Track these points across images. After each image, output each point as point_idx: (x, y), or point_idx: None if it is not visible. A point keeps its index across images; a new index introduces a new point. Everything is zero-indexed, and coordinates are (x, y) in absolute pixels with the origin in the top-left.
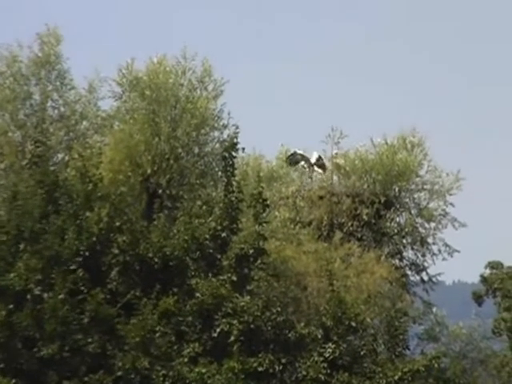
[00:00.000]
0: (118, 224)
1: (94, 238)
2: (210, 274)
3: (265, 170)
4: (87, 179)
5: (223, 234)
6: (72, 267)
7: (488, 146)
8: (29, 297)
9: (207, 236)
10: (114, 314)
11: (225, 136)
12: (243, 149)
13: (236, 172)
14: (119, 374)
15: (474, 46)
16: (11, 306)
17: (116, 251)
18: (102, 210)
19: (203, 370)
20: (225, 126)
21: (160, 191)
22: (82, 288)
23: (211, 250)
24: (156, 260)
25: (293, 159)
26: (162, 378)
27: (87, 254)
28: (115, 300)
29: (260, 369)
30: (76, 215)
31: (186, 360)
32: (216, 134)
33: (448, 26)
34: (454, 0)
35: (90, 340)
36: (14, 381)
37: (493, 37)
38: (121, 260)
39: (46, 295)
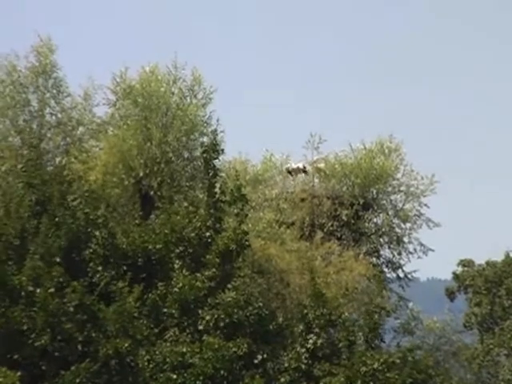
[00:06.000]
0: (92, 218)
1: (72, 234)
2: (194, 270)
3: (250, 173)
4: (62, 179)
5: (207, 233)
6: (58, 261)
7: (460, 151)
8: (23, 293)
9: (192, 235)
10: (101, 306)
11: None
12: (222, 150)
13: (222, 175)
14: (104, 360)
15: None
16: (7, 302)
17: (94, 246)
18: (77, 207)
19: (184, 350)
20: (213, 132)
21: (152, 193)
22: (69, 281)
23: (196, 248)
24: (139, 254)
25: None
26: (146, 363)
27: (69, 249)
28: (98, 290)
29: (240, 353)
30: (54, 214)
31: (167, 344)
32: (205, 139)
33: None
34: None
35: (78, 329)
36: (19, 373)
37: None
38: (100, 254)
39: (38, 290)
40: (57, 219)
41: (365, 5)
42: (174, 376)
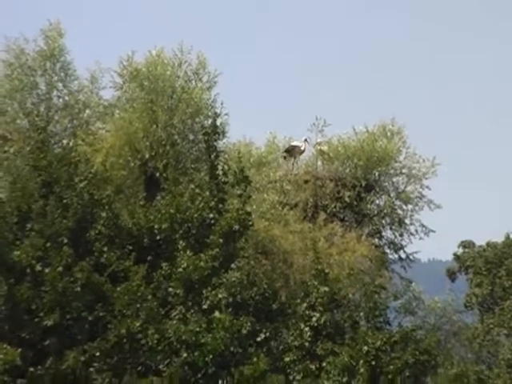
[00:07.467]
0: (97, 199)
1: (79, 215)
2: (198, 251)
3: (255, 155)
4: (69, 161)
5: (210, 215)
6: (66, 242)
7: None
8: (28, 271)
9: (196, 215)
10: (109, 286)
11: (218, 123)
12: (223, 132)
13: (226, 157)
14: (115, 340)
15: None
16: (12, 280)
17: (100, 227)
18: (84, 188)
19: (198, 329)
20: (218, 115)
21: (157, 175)
22: (77, 261)
23: (199, 229)
24: (144, 235)
25: (291, 151)
26: (156, 341)
27: (76, 230)
28: (105, 271)
29: (244, 331)
30: (61, 196)
31: (174, 322)
32: (210, 122)
33: None
34: None
35: (86, 308)
36: (19, 350)
37: None
38: (106, 234)
39: (46, 270)
40: (64, 201)
41: None
42: (185, 354)
